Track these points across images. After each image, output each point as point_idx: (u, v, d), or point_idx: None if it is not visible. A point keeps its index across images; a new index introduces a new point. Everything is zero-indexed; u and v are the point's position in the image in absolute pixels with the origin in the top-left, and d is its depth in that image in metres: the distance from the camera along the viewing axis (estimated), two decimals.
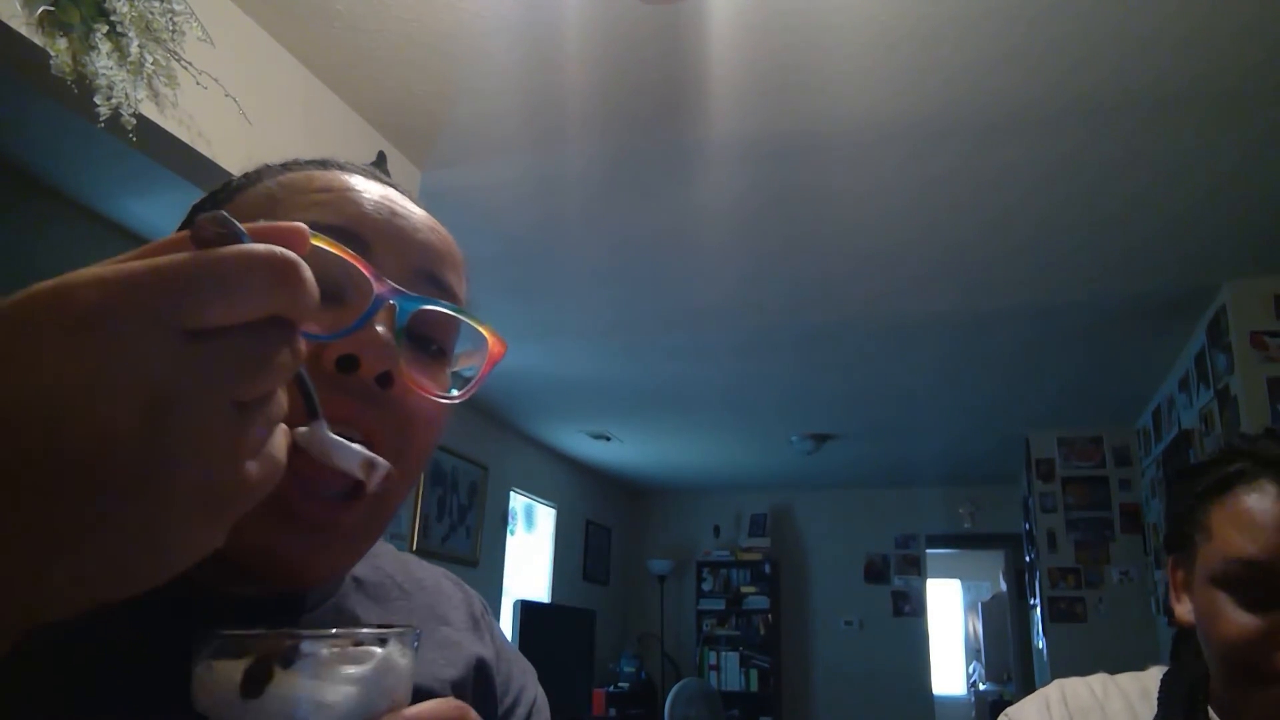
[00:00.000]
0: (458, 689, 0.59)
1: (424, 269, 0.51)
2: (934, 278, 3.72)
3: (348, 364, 0.45)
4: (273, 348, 0.31)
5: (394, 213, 0.52)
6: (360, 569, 0.60)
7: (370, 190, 0.52)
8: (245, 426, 0.30)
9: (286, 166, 0.56)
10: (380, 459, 0.44)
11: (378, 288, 0.45)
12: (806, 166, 2.90)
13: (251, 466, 0.31)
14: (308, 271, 0.31)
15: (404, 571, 0.64)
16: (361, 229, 0.49)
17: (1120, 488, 5.71)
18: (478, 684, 0.62)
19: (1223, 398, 3.74)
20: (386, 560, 0.64)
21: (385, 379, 0.46)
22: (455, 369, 0.54)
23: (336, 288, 0.47)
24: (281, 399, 0.33)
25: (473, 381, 0.52)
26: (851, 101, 2.54)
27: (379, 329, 0.46)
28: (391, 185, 0.56)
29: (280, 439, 0.33)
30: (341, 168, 0.55)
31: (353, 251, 0.44)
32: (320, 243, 0.43)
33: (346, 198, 0.51)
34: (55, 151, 2.68)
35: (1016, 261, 3.53)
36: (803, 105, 2.56)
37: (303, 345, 0.33)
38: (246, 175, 0.56)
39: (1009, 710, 1.00)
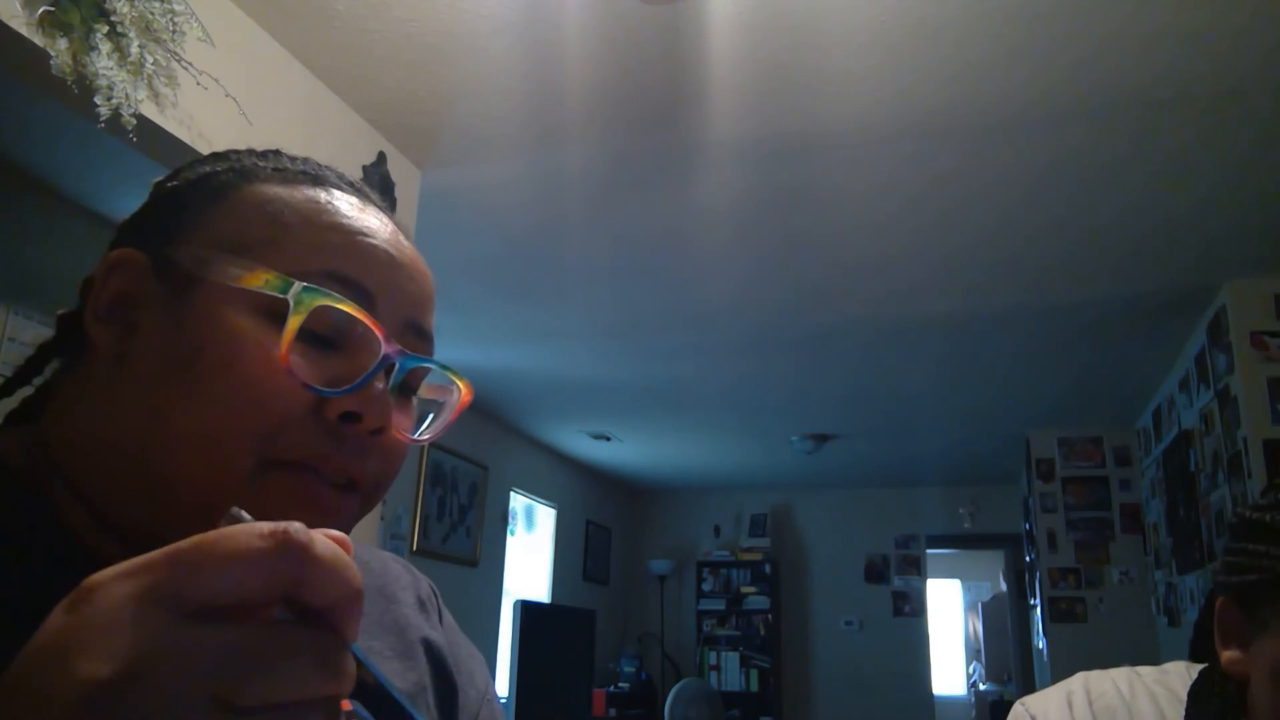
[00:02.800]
0: (408, 665, 0.59)
1: (414, 321, 0.53)
2: (934, 278, 3.72)
3: (349, 418, 0.47)
4: (286, 643, 0.29)
5: (394, 261, 0.53)
6: None
7: (375, 233, 0.53)
8: None
9: (279, 171, 0.54)
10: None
11: (386, 348, 0.48)
12: (806, 166, 2.90)
13: None
14: (321, 548, 0.29)
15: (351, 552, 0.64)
16: (368, 283, 0.50)
17: (1120, 488, 5.71)
18: (430, 663, 0.62)
19: (1223, 398, 3.74)
20: None
21: (378, 430, 0.49)
22: (420, 395, 0.56)
23: (338, 335, 0.49)
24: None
25: (441, 423, 0.55)
26: (851, 101, 2.54)
27: (379, 386, 0.48)
28: (382, 208, 0.57)
29: None
30: (338, 187, 0.55)
31: (362, 309, 0.47)
32: (346, 308, 0.47)
33: (355, 244, 0.51)
34: (55, 151, 2.68)
35: (1017, 262, 3.53)
36: (803, 105, 2.56)
37: (349, 662, 0.31)
38: (232, 167, 0.54)
39: (1026, 700, 0.96)
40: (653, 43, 2.31)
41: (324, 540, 0.30)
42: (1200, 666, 0.91)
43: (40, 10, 1.69)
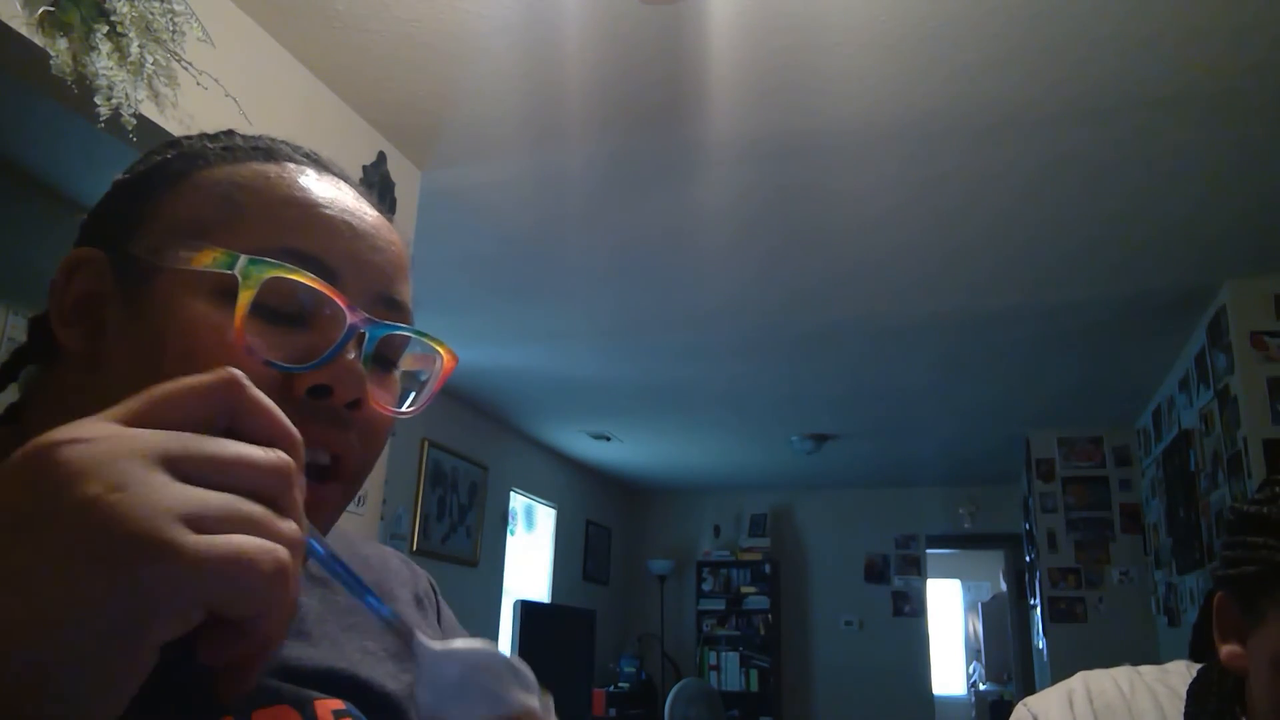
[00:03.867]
0: (402, 666, 0.59)
1: (383, 293, 0.52)
2: (934, 278, 3.72)
3: (321, 392, 0.46)
4: (235, 450, 0.34)
5: (354, 231, 0.51)
6: None
7: (332, 203, 0.51)
8: (185, 491, 0.31)
9: (229, 150, 0.53)
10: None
11: (351, 318, 0.47)
12: (806, 166, 2.90)
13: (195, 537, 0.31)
14: (255, 390, 0.35)
15: (349, 550, 0.63)
16: (328, 256, 0.49)
17: (1120, 488, 5.71)
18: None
19: (1223, 398, 3.74)
20: (331, 540, 0.64)
21: (355, 404, 0.48)
22: (402, 369, 0.55)
23: (302, 310, 0.47)
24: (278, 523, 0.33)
25: (425, 393, 0.54)
26: (851, 101, 2.54)
27: (349, 357, 0.47)
28: (342, 176, 0.55)
29: (282, 551, 0.33)
30: (290, 159, 0.53)
31: (324, 281, 0.46)
32: (298, 277, 0.46)
33: (312, 218, 0.50)
34: (55, 151, 2.68)
35: (1016, 261, 3.53)
36: (803, 105, 2.56)
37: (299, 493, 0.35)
38: (182, 153, 0.53)
39: (1028, 701, 0.96)
40: (653, 42, 2.31)
41: (259, 392, 0.35)
42: (1200, 665, 0.92)
43: (40, 10, 1.69)
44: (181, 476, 0.31)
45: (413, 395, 0.54)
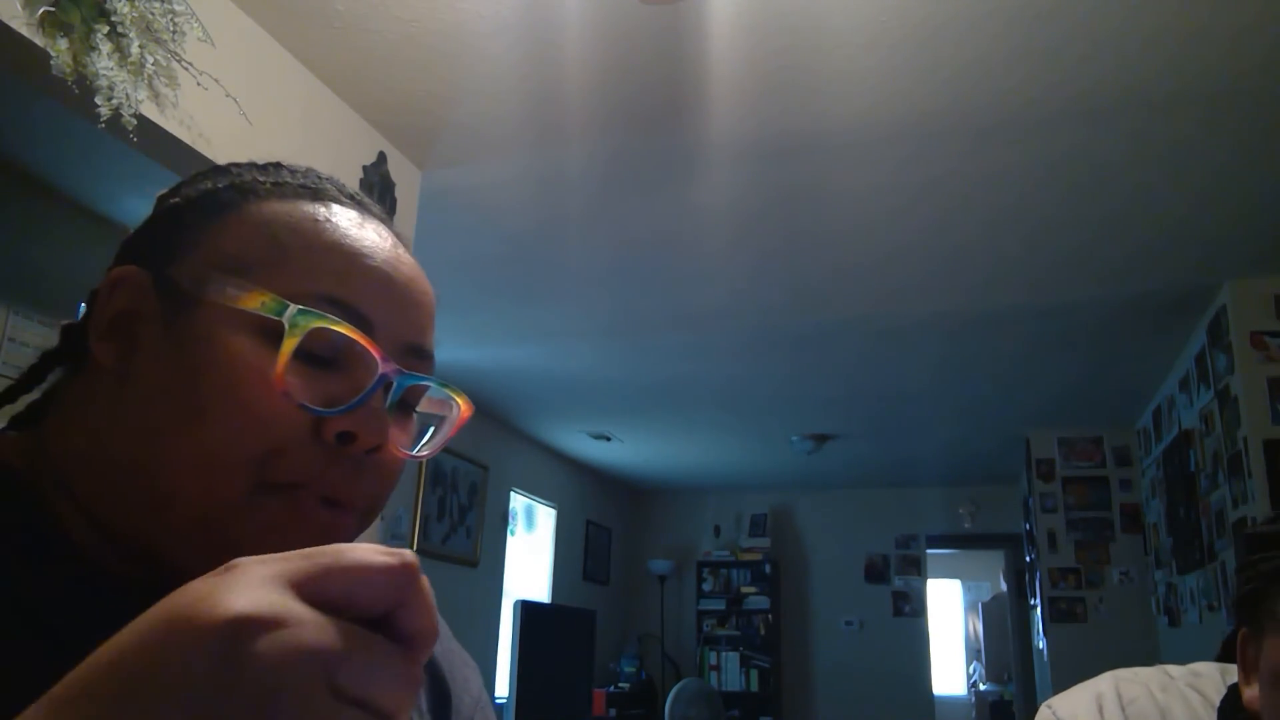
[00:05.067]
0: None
1: (413, 343, 0.53)
2: (934, 278, 3.72)
3: (346, 438, 0.47)
4: (383, 655, 0.32)
5: (392, 281, 0.52)
6: None
7: (374, 254, 0.52)
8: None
9: (278, 186, 0.54)
10: None
11: (383, 368, 0.48)
12: (806, 166, 2.90)
13: None
14: (425, 581, 0.33)
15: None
16: (366, 306, 0.50)
17: (1120, 488, 5.71)
18: (426, 670, 0.62)
19: (1223, 398, 3.74)
20: None
21: (375, 449, 0.49)
22: (419, 409, 0.56)
23: (335, 353, 0.49)
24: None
25: (440, 438, 0.56)
26: (851, 101, 2.54)
27: (375, 405, 0.48)
28: (382, 219, 0.56)
29: None
30: (337, 201, 0.54)
31: (358, 330, 0.48)
32: (341, 329, 0.47)
33: (355, 268, 0.51)
34: (55, 151, 2.68)
35: (1016, 261, 3.53)
36: (803, 105, 2.56)
37: (418, 687, 0.34)
38: (233, 184, 0.54)
39: (1053, 702, 0.91)
40: (653, 43, 2.31)
41: (425, 578, 0.33)
42: (1232, 668, 0.86)
43: (40, 10, 1.69)
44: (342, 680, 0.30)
45: (430, 432, 0.56)
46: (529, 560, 6.69)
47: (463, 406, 0.55)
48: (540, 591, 6.75)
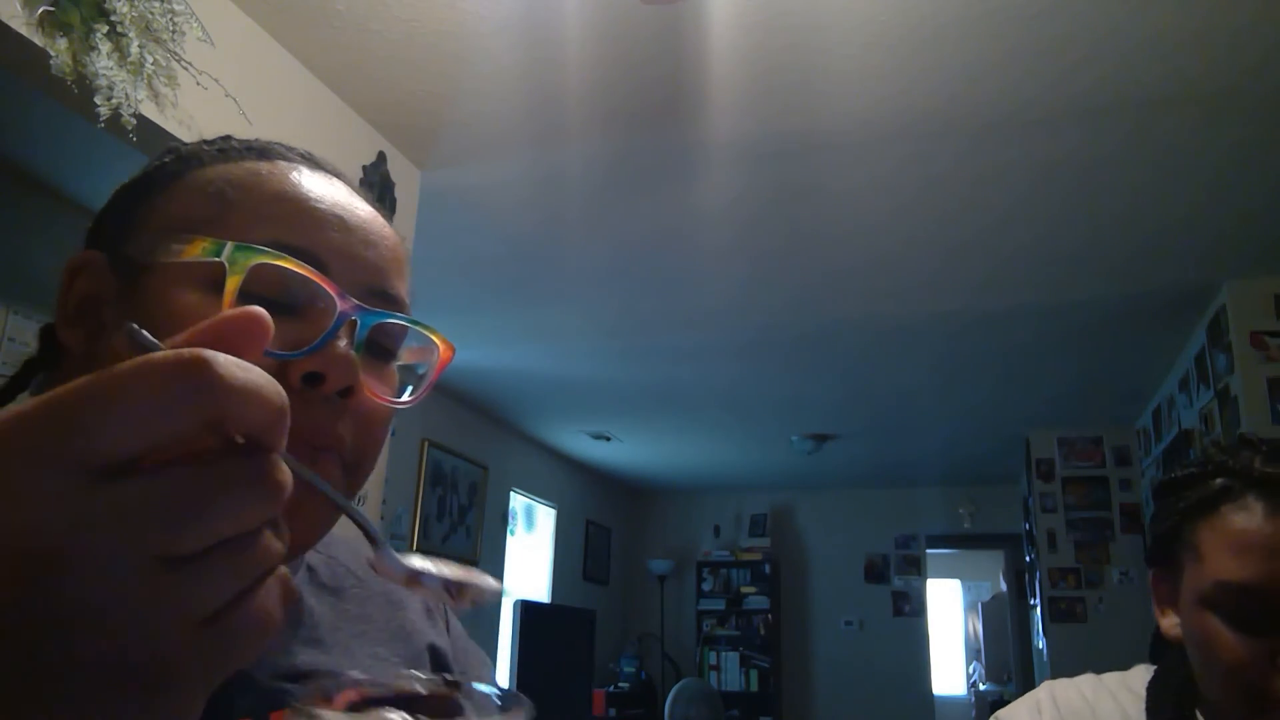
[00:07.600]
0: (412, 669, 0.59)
1: (376, 287, 0.52)
2: (934, 278, 3.72)
3: (313, 379, 0.46)
4: (217, 480, 0.25)
5: (345, 225, 0.51)
6: (313, 558, 0.61)
7: (323, 198, 0.52)
8: (185, 585, 0.25)
9: (223, 151, 0.54)
10: (475, 579, 0.41)
11: (341, 305, 0.46)
12: (806, 166, 2.90)
13: (209, 633, 0.25)
14: (232, 367, 0.25)
15: (358, 560, 0.63)
16: (318, 249, 0.49)
17: (1120, 488, 5.71)
18: (436, 670, 0.62)
19: (1223, 398, 3.74)
20: (340, 549, 0.64)
21: (347, 391, 0.47)
22: (401, 363, 0.55)
23: (294, 300, 0.47)
24: (268, 543, 0.27)
25: (424, 384, 0.54)
26: (851, 101, 2.54)
27: (341, 344, 0.47)
28: (336, 174, 0.56)
29: (268, 595, 0.27)
30: (284, 158, 0.54)
31: (305, 265, 0.46)
32: (285, 264, 0.45)
33: (303, 212, 0.50)
34: (55, 151, 2.68)
35: (1016, 262, 3.53)
36: (803, 105, 2.56)
37: (283, 473, 0.27)
38: (179, 155, 0.54)
39: (999, 714, 1.00)
40: (653, 42, 2.31)
41: (231, 361, 0.25)
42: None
43: (40, 10, 1.69)
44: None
45: (411, 388, 0.54)
46: (529, 560, 6.69)
47: (442, 348, 0.53)
48: (540, 591, 6.75)
